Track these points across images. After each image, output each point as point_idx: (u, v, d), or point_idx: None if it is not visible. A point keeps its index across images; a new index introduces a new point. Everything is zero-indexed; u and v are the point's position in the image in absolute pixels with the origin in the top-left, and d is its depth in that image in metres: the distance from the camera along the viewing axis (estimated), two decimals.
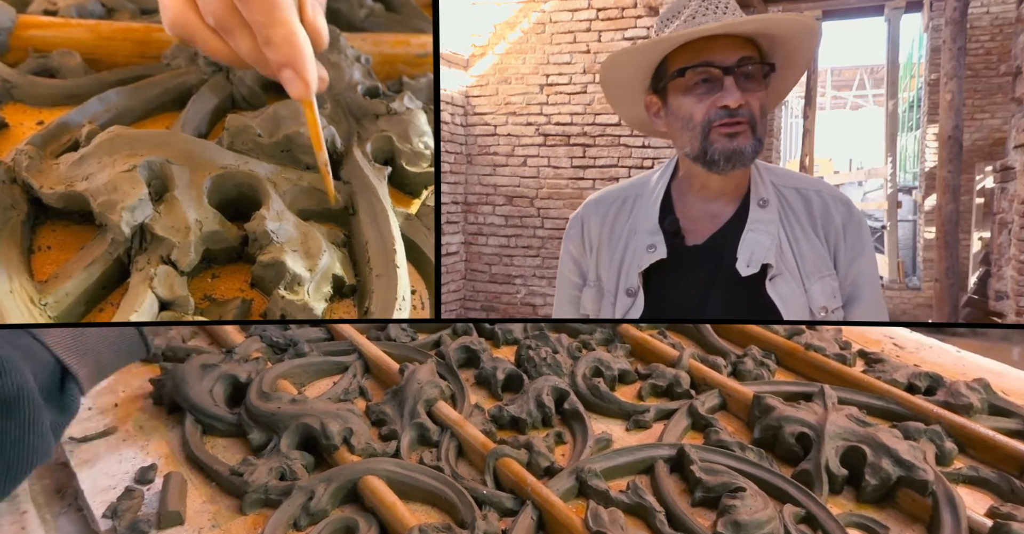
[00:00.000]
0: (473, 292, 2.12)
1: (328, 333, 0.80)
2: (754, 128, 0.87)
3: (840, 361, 0.80)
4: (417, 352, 0.77)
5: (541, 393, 0.73)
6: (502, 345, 0.83)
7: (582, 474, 0.65)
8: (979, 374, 0.79)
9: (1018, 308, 1.32)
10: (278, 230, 0.79)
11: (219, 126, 0.91)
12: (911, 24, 1.68)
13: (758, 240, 0.89)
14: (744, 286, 0.89)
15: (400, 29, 1.03)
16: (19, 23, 0.95)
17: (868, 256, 0.92)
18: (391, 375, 0.74)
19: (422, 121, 0.95)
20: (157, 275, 0.73)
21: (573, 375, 0.76)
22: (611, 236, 0.96)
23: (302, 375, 0.75)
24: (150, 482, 0.70)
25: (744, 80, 0.87)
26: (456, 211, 2.10)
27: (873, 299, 0.92)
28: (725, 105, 0.86)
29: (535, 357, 0.77)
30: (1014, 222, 1.33)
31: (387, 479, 0.66)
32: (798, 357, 0.82)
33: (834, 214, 0.91)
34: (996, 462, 0.68)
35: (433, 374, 0.73)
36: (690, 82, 0.88)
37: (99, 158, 0.79)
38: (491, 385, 0.75)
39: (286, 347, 0.75)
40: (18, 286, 0.69)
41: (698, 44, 0.88)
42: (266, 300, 0.78)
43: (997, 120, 1.52)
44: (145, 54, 0.96)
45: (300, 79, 0.71)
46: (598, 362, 0.77)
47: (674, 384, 0.76)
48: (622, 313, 0.93)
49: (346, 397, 0.71)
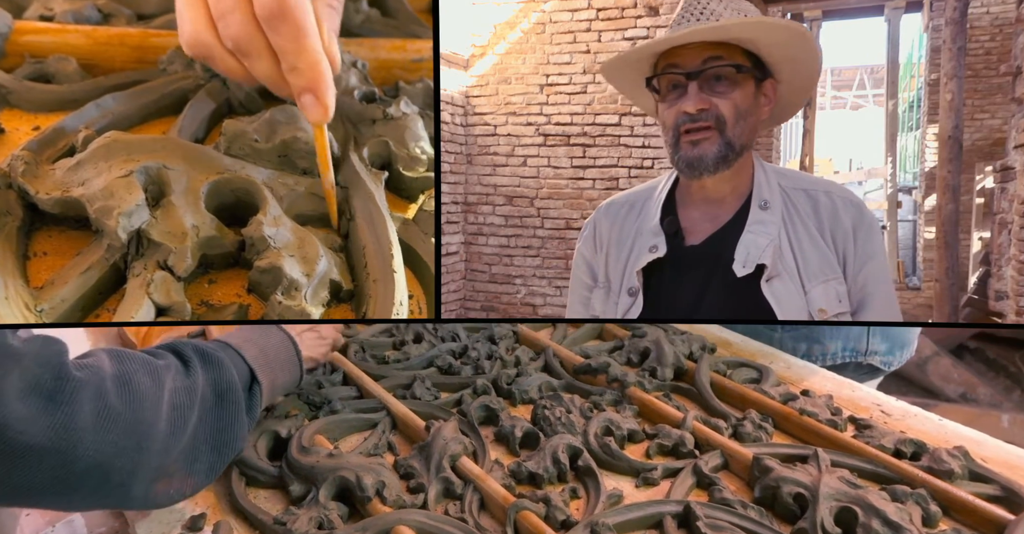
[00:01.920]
0: (473, 292, 2.12)
1: (359, 391, 0.84)
2: (722, 131, 0.87)
3: (832, 426, 0.85)
4: (440, 410, 0.82)
5: (557, 450, 0.78)
6: (519, 404, 0.86)
7: (596, 527, 0.68)
8: (960, 441, 0.84)
9: (1018, 308, 1.31)
10: (275, 235, 0.79)
11: (216, 131, 0.90)
12: (911, 24, 1.67)
13: (755, 241, 0.89)
14: (741, 287, 0.90)
15: (396, 34, 1.03)
16: (15, 28, 0.95)
17: (879, 260, 0.92)
18: (417, 431, 0.79)
19: (419, 126, 0.95)
20: (154, 281, 0.73)
21: (586, 434, 0.80)
22: (620, 237, 0.97)
23: (336, 430, 0.81)
24: (200, 530, 0.74)
25: (713, 83, 0.87)
26: (456, 211, 2.10)
27: (885, 305, 0.92)
28: (686, 110, 0.87)
29: (550, 416, 0.82)
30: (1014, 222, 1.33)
31: (417, 529, 0.71)
32: (793, 421, 0.87)
33: (843, 217, 0.91)
34: (977, 525, 0.71)
35: (456, 431, 0.77)
36: (664, 88, 0.89)
37: (95, 163, 0.79)
38: (509, 442, 0.80)
39: (321, 404, 0.79)
40: (13, 292, 0.69)
41: (671, 51, 0.88)
42: (263, 305, 0.78)
43: (997, 120, 1.51)
44: (141, 59, 0.96)
45: (320, 104, 0.75)
46: (608, 422, 0.82)
47: (679, 444, 0.80)
48: (623, 311, 0.94)
49: (376, 452, 0.77)
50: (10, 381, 0.52)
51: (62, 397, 0.54)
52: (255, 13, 0.70)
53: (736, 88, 0.87)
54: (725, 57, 0.87)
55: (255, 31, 0.71)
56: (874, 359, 1.20)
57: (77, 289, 0.73)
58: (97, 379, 0.57)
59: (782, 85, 0.91)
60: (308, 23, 0.71)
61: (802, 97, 0.94)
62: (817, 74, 0.92)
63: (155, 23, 1.01)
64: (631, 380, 0.90)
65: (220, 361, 0.69)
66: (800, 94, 0.94)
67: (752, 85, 0.89)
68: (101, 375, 0.58)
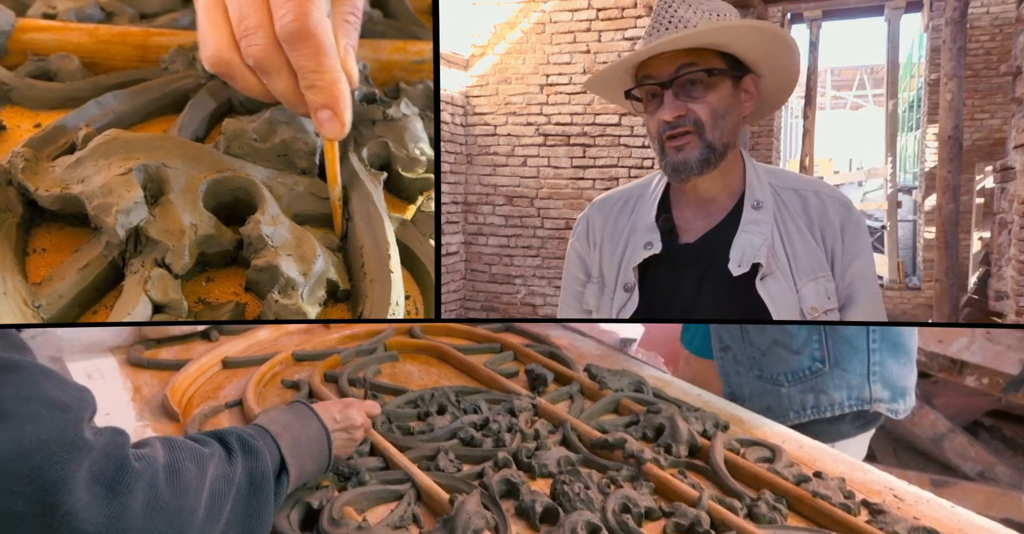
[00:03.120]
0: (473, 292, 2.13)
1: (385, 462, 0.88)
2: (701, 135, 0.89)
3: (845, 510, 0.84)
4: (463, 482, 0.84)
5: (576, 527, 0.79)
6: (538, 477, 0.89)
7: None
8: (972, 530, 0.84)
9: (1018, 308, 1.31)
10: (273, 234, 0.79)
11: (216, 130, 0.91)
12: (911, 24, 1.67)
13: (750, 240, 0.90)
14: (735, 284, 0.91)
15: (398, 35, 1.04)
16: (18, 26, 0.95)
17: (866, 258, 0.93)
18: (441, 504, 0.81)
19: (418, 127, 0.95)
20: (151, 278, 0.73)
21: (604, 510, 0.82)
22: (613, 233, 0.98)
23: (363, 502, 0.82)
24: None
25: (688, 89, 0.88)
26: (456, 211, 2.10)
27: (871, 302, 0.93)
28: (663, 118, 0.88)
29: (569, 492, 0.84)
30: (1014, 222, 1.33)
31: None
32: (806, 503, 0.86)
33: (832, 215, 0.92)
34: None
35: (479, 505, 0.80)
36: (644, 98, 0.91)
37: (95, 161, 0.79)
38: (530, 517, 0.83)
39: (350, 475, 0.82)
40: (12, 288, 0.70)
41: (647, 61, 0.90)
42: (260, 304, 0.78)
43: (997, 120, 1.51)
44: (143, 58, 0.96)
45: (338, 121, 0.78)
46: (626, 499, 0.84)
47: (695, 523, 0.82)
48: (619, 307, 0.95)
49: (402, 524, 0.80)
50: (81, 472, 0.55)
51: (120, 487, 0.57)
52: (276, 33, 0.72)
53: (711, 91, 0.89)
54: (699, 62, 0.88)
55: (276, 50, 0.73)
56: (880, 407, 1.21)
57: (75, 285, 0.73)
58: (151, 470, 0.60)
59: (764, 79, 0.91)
60: (328, 43, 0.74)
61: (786, 91, 0.96)
62: (797, 68, 0.93)
63: (157, 22, 1.02)
64: (647, 456, 0.91)
65: (258, 451, 0.71)
66: (784, 88, 0.95)
67: (729, 85, 0.90)
68: (155, 465, 0.61)
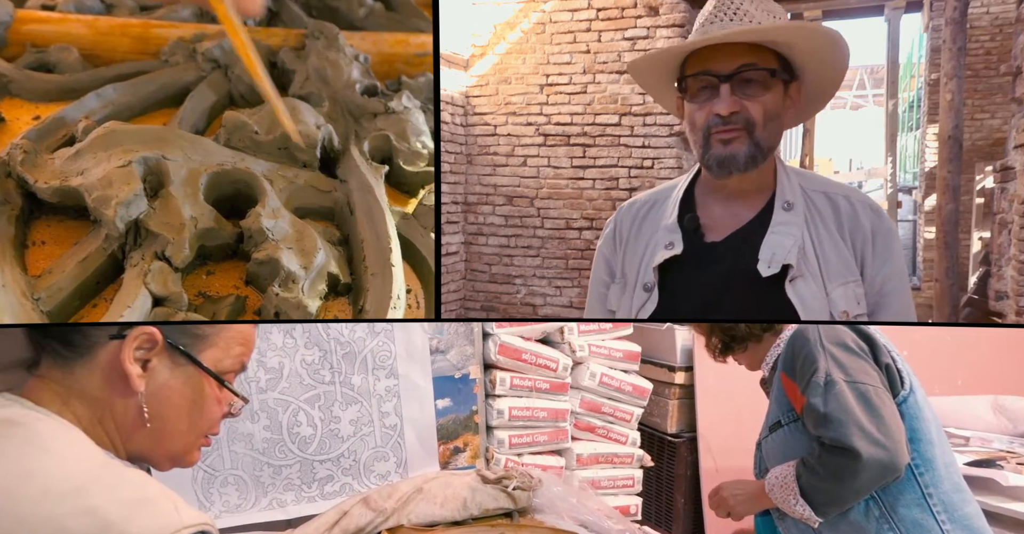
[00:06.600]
0: (473, 292, 2.12)
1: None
2: (751, 133, 0.88)
3: None
4: None
5: None
6: None
7: None
8: None
9: (1018, 308, 1.31)
10: (274, 227, 0.79)
11: (217, 123, 0.90)
12: (911, 24, 1.67)
13: (780, 242, 0.89)
14: (762, 286, 0.90)
15: (400, 28, 1.03)
16: (17, 17, 0.95)
17: (897, 264, 0.92)
18: None
19: (420, 120, 0.95)
20: (151, 271, 0.73)
21: None
22: (638, 234, 0.98)
23: None
24: None
25: (744, 86, 0.88)
26: (456, 211, 2.10)
27: (902, 307, 0.92)
28: (718, 113, 0.87)
29: None
30: (1014, 222, 1.33)
31: None
32: None
33: (863, 221, 0.91)
34: None
35: None
36: (693, 89, 0.90)
37: (95, 153, 0.78)
38: None
39: None
40: (11, 280, 0.69)
41: (703, 51, 0.89)
42: (260, 297, 0.78)
43: (997, 120, 1.51)
44: (143, 50, 0.96)
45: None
46: None
47: None
48: (638, 307, 0.95)
49: None
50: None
51: None
52: None
53: (767, 92, 0.88)
54: (758, 61, 0.87)
55: None
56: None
57: (74, 278, 0.73)
58: None
59: (805, 88, 0.91)
60: None
61: (824, 101, 0.95)
62: (842, 79, 0.93)
63: (157, 14, 1.01)
64: None
65: None
66: (822, 98, 0.94)
67: (781, 89, 0.89)
68: None
